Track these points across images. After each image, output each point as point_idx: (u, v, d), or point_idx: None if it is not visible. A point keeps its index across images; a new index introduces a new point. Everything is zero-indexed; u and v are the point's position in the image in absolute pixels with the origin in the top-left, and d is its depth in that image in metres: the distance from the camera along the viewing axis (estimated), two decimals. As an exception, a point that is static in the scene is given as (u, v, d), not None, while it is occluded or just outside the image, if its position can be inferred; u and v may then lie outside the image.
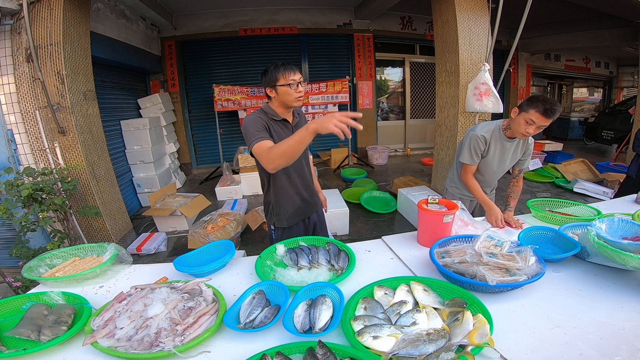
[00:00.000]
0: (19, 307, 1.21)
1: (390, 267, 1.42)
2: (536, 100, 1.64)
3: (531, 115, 1.64)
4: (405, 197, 3.95)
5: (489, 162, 1.95)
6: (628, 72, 10.19)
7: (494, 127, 1.89)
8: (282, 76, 1.51)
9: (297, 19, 6.18)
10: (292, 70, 1.52)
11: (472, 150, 1.91)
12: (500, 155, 1.93)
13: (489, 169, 1.98)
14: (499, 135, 1.89)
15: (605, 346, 0.90)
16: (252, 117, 1.55)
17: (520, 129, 1.72)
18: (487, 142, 1.88)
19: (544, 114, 1.61)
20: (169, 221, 3.82)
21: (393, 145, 7.60)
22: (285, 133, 1.61)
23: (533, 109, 1.63)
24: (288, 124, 1.65)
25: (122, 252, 1.56)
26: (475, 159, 1.92)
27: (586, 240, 1.28)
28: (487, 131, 1.88)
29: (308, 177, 1.82)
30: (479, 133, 1.87)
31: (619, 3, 5.03)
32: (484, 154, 1.92)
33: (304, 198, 1.79)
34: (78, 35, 3.14)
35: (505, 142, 1.89)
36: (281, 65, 1.52)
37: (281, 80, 1.52)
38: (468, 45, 3.67)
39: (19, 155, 3.03)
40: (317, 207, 1.93)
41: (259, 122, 1.52)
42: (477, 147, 1.89)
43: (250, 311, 1.08)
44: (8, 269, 2.95)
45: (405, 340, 0.89)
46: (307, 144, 1.24)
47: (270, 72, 1.53)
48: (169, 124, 5.73)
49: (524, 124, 1.69)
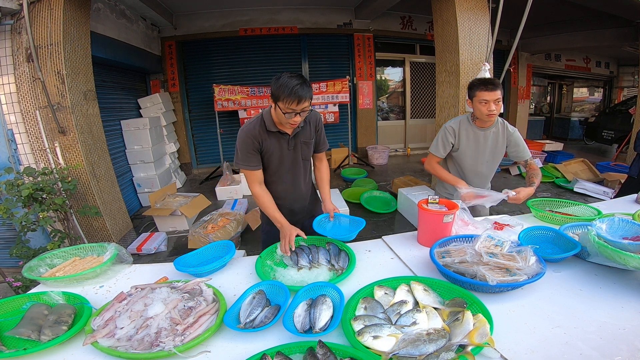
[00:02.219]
0: (19, 307, 1.21)
1: (391, 267, 1.42)
2: (474, 84, 1.82)
3: (479, 96, 1.78)
4: (405, 197, 3.95)
5: (464, 153, 1.97)
6: (628, 72, 10.18)
7: (462, 118, 1.97)
8: (283, 100, 1.35)
9: (297, 19, 6.18)
10: (296, 98, 1.34)
11: (439, 141, 1.98)
12: (475, 145, 1.94)
13: (467, 160, 1.98)
14: (468, 126, 1.93)
15: (605, 346, 0.90)
16: (244, 136, 1.51)
17: (482, 112, 1.81)
18: (456, 134, 1.94)
19: (486, 88, 1.75)
20: (169, 221, 3.82)
21: (393, 145, 7.60)
22: (280, 145, 1.57)
23: (477, 90, 1.79)
24: (286, 135, 1.56)
25: (123, 252, 1.56)
26: (441, 150, 1.98)
27: (586, 240, 1.28)
28: (455, 123, 1.95)
29: (302, 190, 1.75)
30: (448, 125, 1.96)
31: (619, 3, 5.03)
32: (455, 146, 1.97)
33: (292, 209, 1.75)
34: (78, 35, 3.14)
35: (478, 131, 1.92)
36: (289, 88, 1.33)
37: (280, 103, 1.37)
38: (468, 45, 3.67)
39: (19, 155, 3.03)
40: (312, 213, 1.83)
41: (249, 146, 1.51)
42: (445, 138, 1.95)
43: (250, 311, 1.08)
44: (8, 269, 2.95)
45: (406, 340, 0.89)
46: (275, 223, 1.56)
47: (278, 87, 1.36)
48: (169, 123, 5.73)
49: (480, 105, 1.80)
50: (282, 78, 1.37)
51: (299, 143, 1.63)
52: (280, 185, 1.68)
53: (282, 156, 1.60)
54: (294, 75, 1.36)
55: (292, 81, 1.34)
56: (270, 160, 1.60)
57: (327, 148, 1.81)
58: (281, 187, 1.69)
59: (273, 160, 1.60)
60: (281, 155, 1.60)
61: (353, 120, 6.80)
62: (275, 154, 1.59)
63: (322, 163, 1.85)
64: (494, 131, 1.92)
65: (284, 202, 1.70)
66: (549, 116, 10.52)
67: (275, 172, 1.64)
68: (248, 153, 1.53)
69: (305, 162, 1.72)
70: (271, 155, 1.58)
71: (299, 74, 1.38)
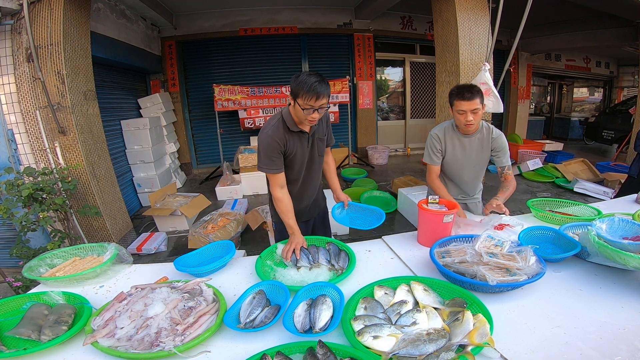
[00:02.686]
0: (19, 307, 1.21)
1: (391, 267, 1.42)
2: (452, 92, 1.77)
3: (456, 105, 1.75)
4: (405, 197, 3.95)
5: (451, 160, 1.95)
6: (628, 72, 10.17)
7: (446, 125, 1.95)
8: (303, 96, 1.39)
9: (298, 19, 6.18)
10: (315, 94, 1.37)
11: (429, 149, 1.96)
12: (462, 151, 1.92)
13: (455, 167, 1.97)
14: (453, 133, 1.91)
15: (605, 346, 0.90)
16: (269, 139, 1.51)
17: (460, 122, 1.80)
18: (442, 141, 1.92)
19: (462, 97, 1.70)
20: (169, 221, 3.82)
21: (393, 145, 7.59)
22: (302, 143, 1.60)
23: (455, 100, 1.75)
24: (305, 134, 1.60)
25: (123, 251, 1.56)
26: (435, 159, 1.95)
27: (586, 240, 1.28)
28: (440, 130, 1.93)
29: (317, 185, 1.83)
30: (433, 132, 1.95)
31: (619, 3, 5.03)
32: (443, 154, 1.95)
33: (307, 204, 1.81)
34: (78, 35, 3.14)
35: (463, 137, 1.90)
36: (309, 84, 1.37)
37: (300, 99, 1.41)
38: (468, 45, 3.67)
39: (20, 155, 3.03)
40: (320, 209, 1.95)
41: (275, 149, 1.51)
42: (432, 145, 1.94)
43: (250, 311, 1.08)
44: (8, 269, 2.95)
45: (406, 340, 0.89)
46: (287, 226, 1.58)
47: (298, 84, 1.41)
48: (169, 123, 5.73)
49: (458, 116, 1.78)
50: (301, 76, 1.43)
51: (316, 140, 1.67)
52: (300, 183, 1.72)
53: (304, 155, 1.64)
54: (313, 74, 1.42)
55: (311, 78, 1.39)
56: (294, 160, 1.61)
57: (333, 143, 1.87)
58: (302, 184, 1.72)
59: (297, 160, 1.62)
60: (303, 154, 1.63)
61: (353, 120, 6.80)
62: (299, 154, 1.61)
63: (329, 156, 1.91)
64: (479, 137, 1.89)
65: (302, 198, 1.75)
66: (549, 116, 10.52)
67: (298, 171, 1.67)
68: (273, 156, 1.53)
69: (320, 158, 1.76)
70: (295, 155, 1.60)
71: (317, 73, 1.44)
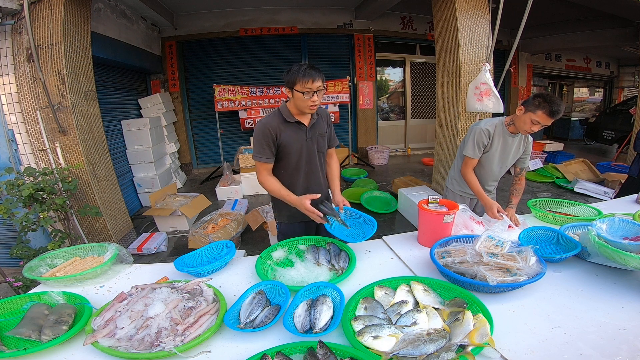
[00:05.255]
0: (19, 307, 1.21)
1: (391, 267, 1.42)
2: (543, 102, 1.67)
3: (538, 116, 1.70)
4: (405, 197, 3.95)
5: (491, 157, 1.98)
6: (629, 72, 10.17)
7: (497, 122, 1.94)
8: (300, 81, 1.45)
9: (298, 19, 6.18)
10: (311, 77, 1.44)
11: (475, 144, 1.94)
12: (502, 150, 1.97)
13: (491, 163, 2.01)
14: (502, 130, 1.93)
15: (605, 346, 0.90)
16: (262, 127, 1.55)
17: (525, 127, 1.78)
18: (491, 136, 1.93)
19: (550, 115, 1.67)
20: (170, 221, 3.82)
21: (393, 145, 7.60)
22: (297, 135, 1.60)
23: (540, 110, 1.68)
24: (302, 126, 1.61)
25: (123, 252, 1.56)
26: (477, 153, 1.95)
27: (587, 240, 1.28)
28: (491, 125, 1.93)
29: (321, 182, 1.78)
30: (483, 127, 1.92)
31: (619, 3, 5.02)
32: (486, 149, 1.96)
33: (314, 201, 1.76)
34: (79, 35, 3.14)
35: (508, 137, 1.93)
36: (302, 70, 1.45)
37: (297, 86, 1.46)
38: (468, 45, 3.67)
39: (20, 155, 3.04)
40: None
41: (266, 136, 1.54)
42: (480, 140, 1.93)
43: (250, 311, 1.08)
44: (9, 269, 2.95)
45: (406, 340, 0.89)
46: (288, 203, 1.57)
47: (291, 73, 1.48)
48: (170, 123, 5.73)
49: (529, 123, 1.74)
50: (293, 67, 1.51)
51: (315, 134, 1.66)
52: (301, 178, 1.70)
53: (301, 147, 1.63)
54: (302, 63, 1.50)
55: (302, 66, 1.48)
56: (289, 152, 1.62)
57: (336, 144, 1.87)
58: (302, 179, 1.71)
59: (293, 151, 1.62)
60: (300, 146, 1.63)
61: (353, 120, 6.80)
62: (295, 145, 1.61)
63: (332, 159, 1.89)
64: (519, 138, 1.96)
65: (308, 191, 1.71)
66: (550, 116, 10.50)
67: (295, 163, 1.66)
68: (263, 144, 1.56)
69: (321, 155, 1.75)
70: (290, 147, 1.60)
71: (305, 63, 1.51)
